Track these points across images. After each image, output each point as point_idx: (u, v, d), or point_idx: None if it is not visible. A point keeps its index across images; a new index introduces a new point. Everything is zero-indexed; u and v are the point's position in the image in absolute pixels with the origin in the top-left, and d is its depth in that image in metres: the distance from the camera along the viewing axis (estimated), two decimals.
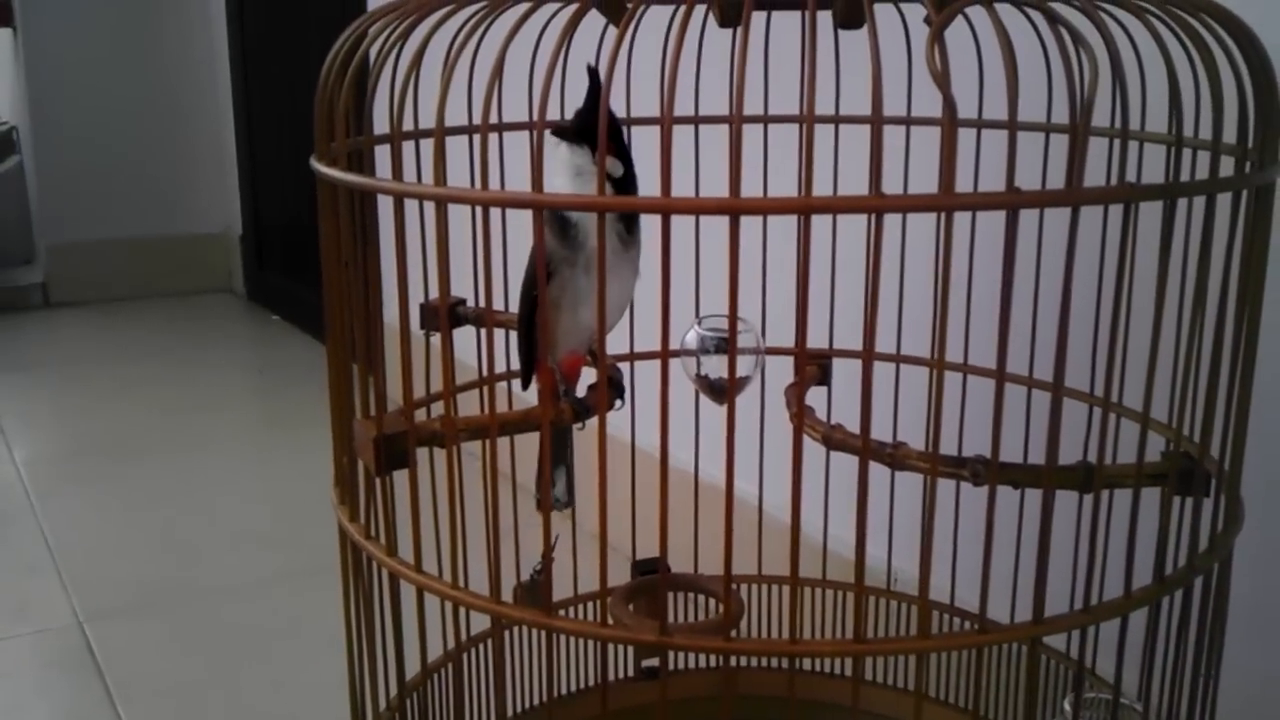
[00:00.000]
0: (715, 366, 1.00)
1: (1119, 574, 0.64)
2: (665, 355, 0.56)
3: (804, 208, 0.49)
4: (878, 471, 0.66)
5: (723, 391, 1.01)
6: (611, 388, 0.80)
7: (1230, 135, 0.64)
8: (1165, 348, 0.63)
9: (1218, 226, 0.60)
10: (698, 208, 0.51)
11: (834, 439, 0.88)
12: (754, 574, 1.11)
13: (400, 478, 0.63)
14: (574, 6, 0.79)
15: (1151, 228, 0.59)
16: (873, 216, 0.50)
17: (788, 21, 0.93)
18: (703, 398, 1.04)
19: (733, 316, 0.55)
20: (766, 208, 0.51)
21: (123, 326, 3.10)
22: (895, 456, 0.84)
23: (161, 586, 1.58)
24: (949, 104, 0.48)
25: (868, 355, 0.54)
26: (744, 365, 1.02)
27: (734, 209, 0.49)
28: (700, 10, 0.91)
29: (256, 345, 2.97)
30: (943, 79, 0.49)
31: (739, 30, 0.52)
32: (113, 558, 1.67)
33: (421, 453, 0.63)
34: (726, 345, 1.00)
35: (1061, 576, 0.81)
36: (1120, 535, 0.68)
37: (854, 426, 0.82)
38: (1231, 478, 0.70)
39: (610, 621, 0.71)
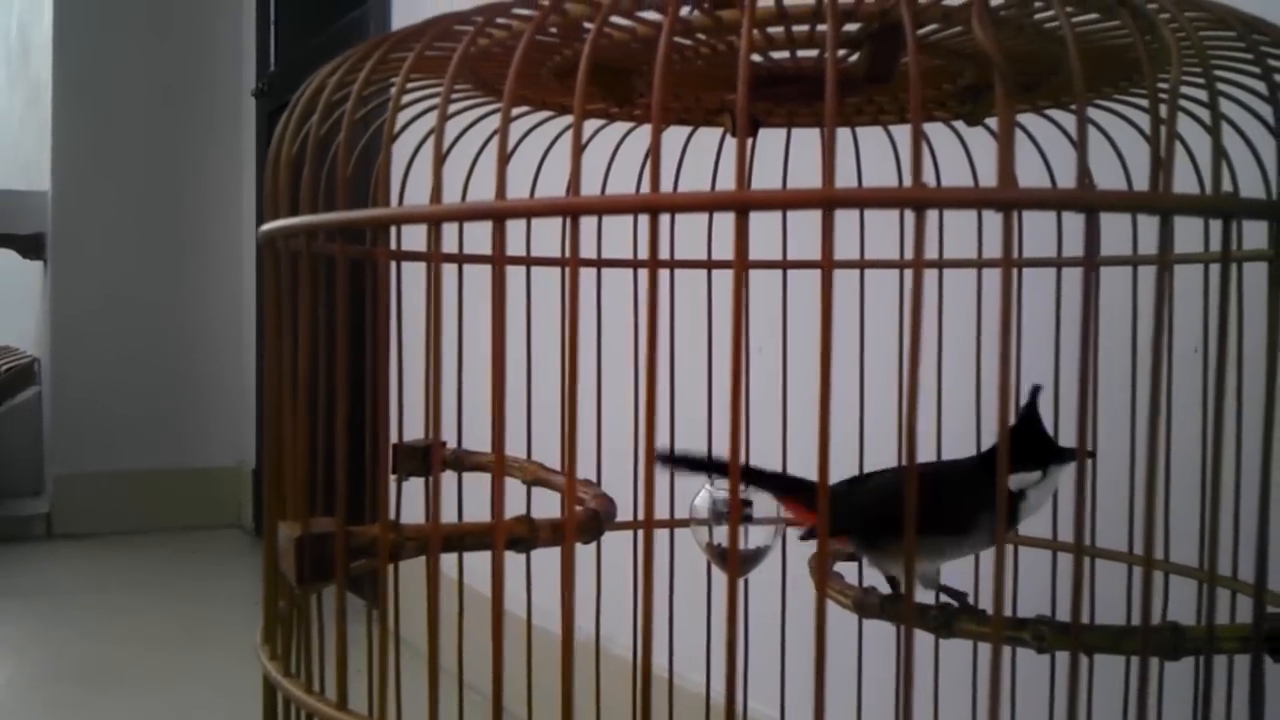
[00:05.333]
0: (729, 535, 0.88)
1: None
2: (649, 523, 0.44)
3: (826, 199, 0.39)
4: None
5: (738, 563, 0.88)
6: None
7: None
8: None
9: None
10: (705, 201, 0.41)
11: (868, 604, 0.75)
12: None
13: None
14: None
15: None
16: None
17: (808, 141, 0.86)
18: (716, 576, 0.92)
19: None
20: (782, 199, 0.41)
21: (124, 559, 2.98)
22: (941, 620, 0.71)
23: None
24: (1003, 76, 0.39)
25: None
26: (763, 535, 0.89)
27: (743, 201, 0.39)
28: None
29: (259, 581, 2.83)
30: (994, 46, 0.39)
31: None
32: None
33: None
34: (742, 510, 0.88)
35: None
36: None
37: None
38: None
39: None
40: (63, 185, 3.29)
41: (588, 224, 0.85)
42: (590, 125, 0.82)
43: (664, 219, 0.92)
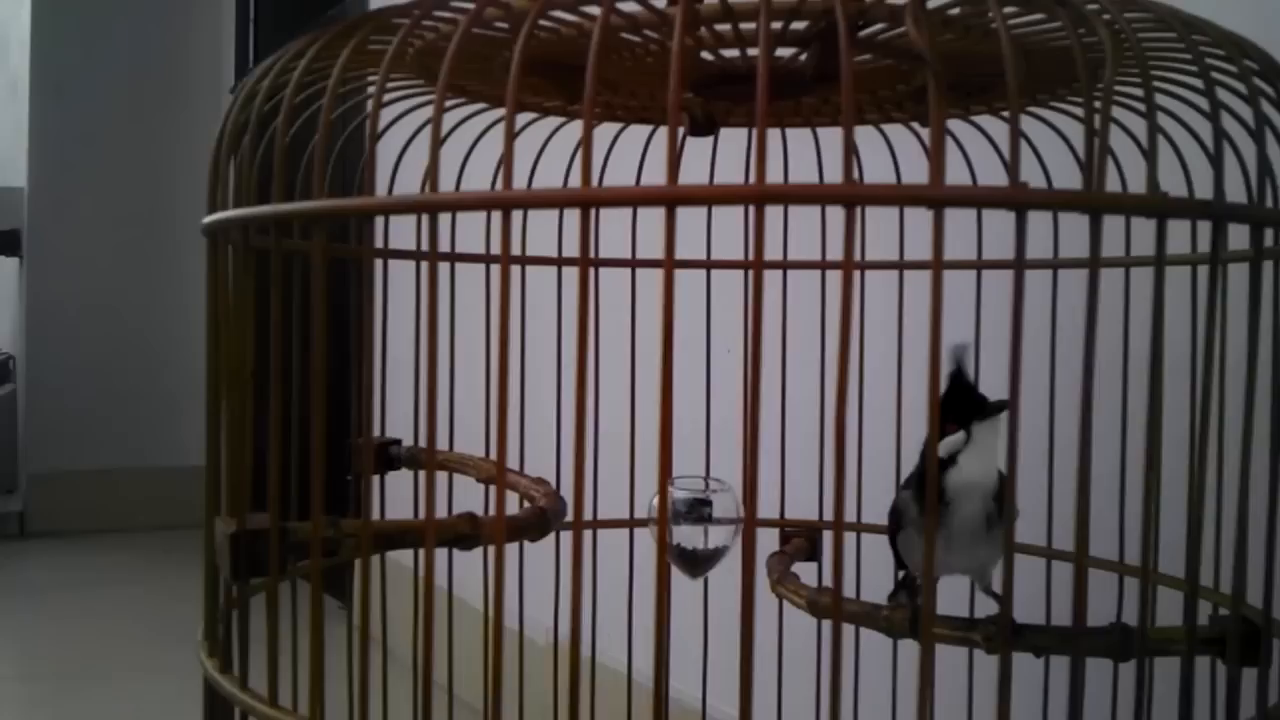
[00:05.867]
0: (689, 535, 0.87)
1: None
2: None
3: (757, 195, 0.38)
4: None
5: (697, 563, 0.87)
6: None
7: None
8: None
9: None
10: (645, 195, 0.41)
11: (821, 604, 0.75)
12: None
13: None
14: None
15: None
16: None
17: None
18: (676, 576, 0.91)
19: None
20: (711, 194, 0.40)
21: (98, 558, 2.96)
22: (892, 620, 0.71)
23: None
24: (936, 74, 0.39)
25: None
26: (722, 535, 0.89)
27: (671, 196, 0.39)
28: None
29: None
30: (926, 44, 0.39)
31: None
32: None
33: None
34: (701, 510, 0.87)
35: None
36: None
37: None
38: None
39: None
40: (39, 182, 3.27)
41: (559, 221, 0.84)
42: (550, 123, 0.82)
43: (644, 217, 0.92)
